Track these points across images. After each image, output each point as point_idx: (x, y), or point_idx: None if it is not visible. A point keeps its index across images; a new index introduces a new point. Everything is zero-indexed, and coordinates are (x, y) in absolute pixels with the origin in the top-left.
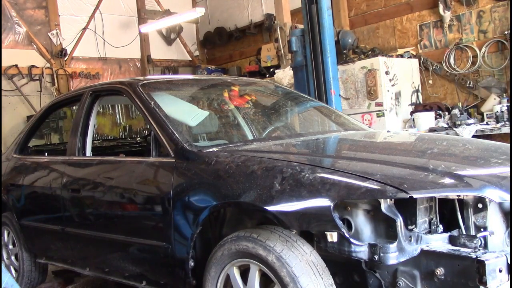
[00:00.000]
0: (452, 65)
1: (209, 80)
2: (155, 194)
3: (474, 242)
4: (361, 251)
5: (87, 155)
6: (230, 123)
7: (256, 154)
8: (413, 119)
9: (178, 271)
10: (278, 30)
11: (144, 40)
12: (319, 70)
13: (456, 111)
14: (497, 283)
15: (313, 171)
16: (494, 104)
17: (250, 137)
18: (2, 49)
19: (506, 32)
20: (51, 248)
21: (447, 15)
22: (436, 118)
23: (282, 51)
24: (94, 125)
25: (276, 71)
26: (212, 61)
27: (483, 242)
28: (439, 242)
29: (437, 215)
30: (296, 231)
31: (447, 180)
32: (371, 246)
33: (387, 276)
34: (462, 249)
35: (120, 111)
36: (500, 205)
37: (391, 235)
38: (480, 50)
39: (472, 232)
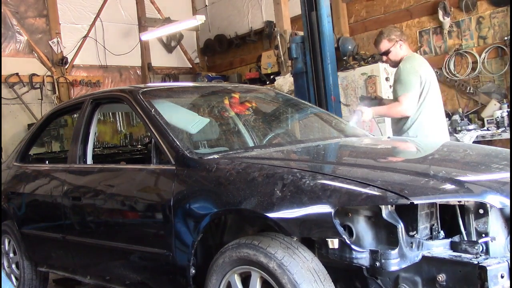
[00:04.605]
0: (452, 71)
1: (210, 87)
2: (156, 202)
3: (476, 248)
4: (362, 257)
5: (88, 163)
6: (231, 130)
7: (256, 161)
8: None
9: (179, 279)
10: (278, 37)
11: (144, 47)
12: (319, 76)
13: (456, 117)
14: None
15: (313, 177)
16: (495, 109)
17: (250, 144)
18: (3, 58)
19: (505, 38)
20: (52, 256)
21: (447, 21)
22: None
23: (282, 58)
24: (95, 133)
25: (276, 78)
26: (212, 68)
27: (484, 248)
28: (440, 248)
29: (438, 221)
30: (297, 238)
31: (448, 186)
32: (372, 253)
33: (388, 282)
34: (463, 255)
35: (120, 119)
36: (501, 210)
37: (392, 241)
38: (480, 56)
39: (474, 238)
